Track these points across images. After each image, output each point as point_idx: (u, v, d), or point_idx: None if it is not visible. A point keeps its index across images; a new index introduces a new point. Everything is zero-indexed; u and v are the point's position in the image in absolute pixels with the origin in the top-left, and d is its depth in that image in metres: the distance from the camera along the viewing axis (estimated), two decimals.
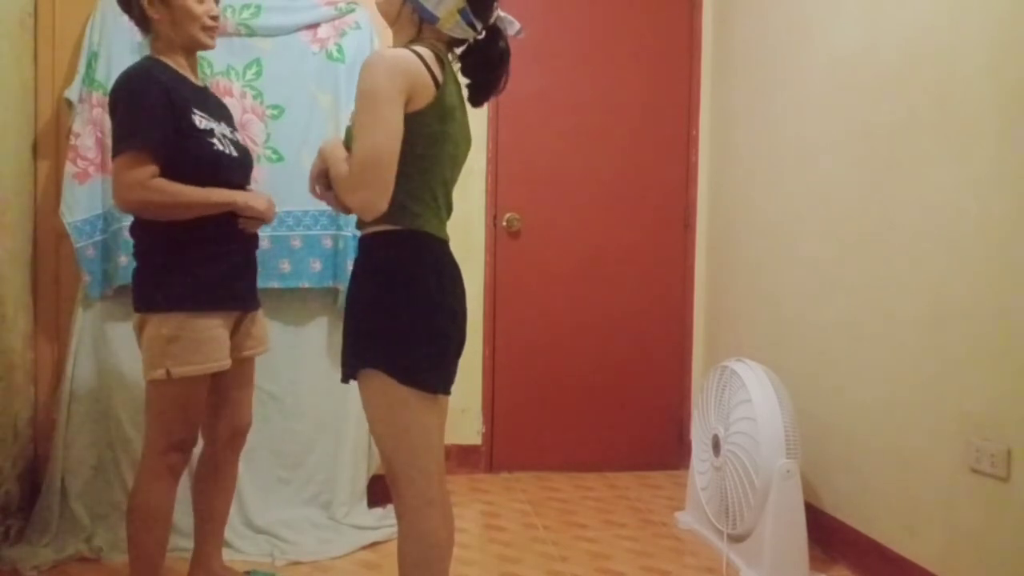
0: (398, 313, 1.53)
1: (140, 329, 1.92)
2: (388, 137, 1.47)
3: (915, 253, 2.25)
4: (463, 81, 1.67)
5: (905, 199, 2.30)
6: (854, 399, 2.51)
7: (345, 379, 1.61)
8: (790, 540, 2.35)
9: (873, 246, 2.43)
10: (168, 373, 1.86)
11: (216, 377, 2.00)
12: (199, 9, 1.92)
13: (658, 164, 3.60)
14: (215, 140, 1.92)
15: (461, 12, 1.57)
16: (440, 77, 1.54)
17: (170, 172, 1.84)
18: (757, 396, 2.44)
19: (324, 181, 1.61)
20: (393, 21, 1.64)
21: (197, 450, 2.08)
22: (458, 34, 1.61)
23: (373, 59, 1.50)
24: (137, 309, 1.92)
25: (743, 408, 2.48)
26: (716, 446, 2.63)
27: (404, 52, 1.51)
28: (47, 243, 2.65)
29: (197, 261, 1.90)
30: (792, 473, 2.35)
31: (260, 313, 2.15)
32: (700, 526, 2.80)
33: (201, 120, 1.90)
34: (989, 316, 2.00)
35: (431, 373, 1.56)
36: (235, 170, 1.99)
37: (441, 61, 1.56)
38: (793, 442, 2.37)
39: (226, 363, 1.95)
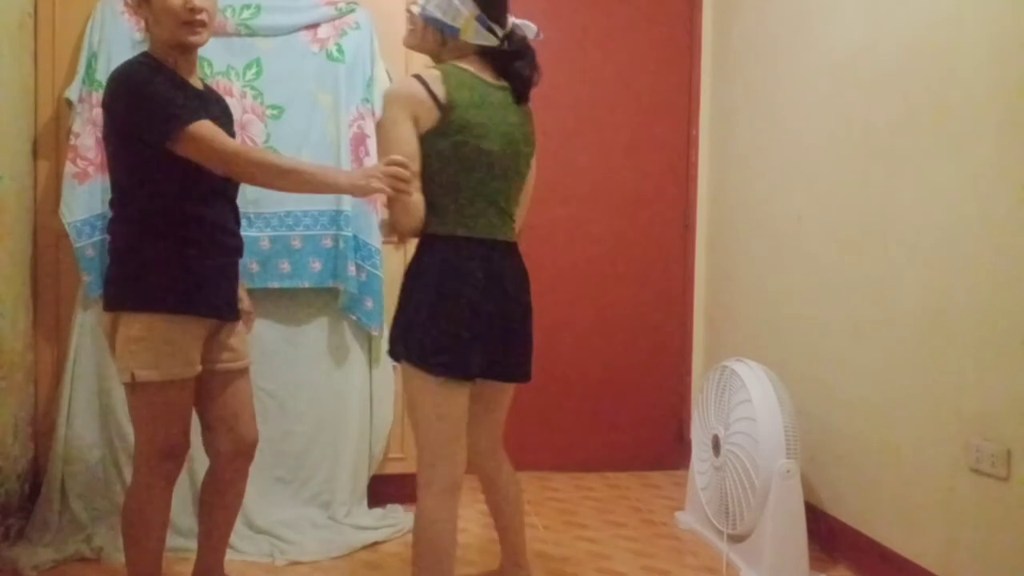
0: (411, 304, 1.74)
1: (113, 330, 1.84)
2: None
3: (915, 253, 2.25)
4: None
5: (905, 197, 2.30)
6: (854, 399, 2.51)
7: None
8: (790, 540, 2.35)
9: (873, 245, 2.43)
10: (132, 376, 1.79)
11: (205, 393, 1.94)
12: (175, 2, 1.79)
13: (658, 163, 3.60)
14: None
15: (478, 19, 1.72)
16: (442, 95, 1.66)
17: (154, 182, 1.80)
18: (757, 396, 2.44)
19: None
20: (419, 46, 1.80)
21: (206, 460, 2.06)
22: (482, 41, 1.73)
23: (384, 94, 1.73)
24: (109, 308, 1.85)
25: (743, 408, 2.48)
26: (716, 446, 2.62)
27: (407, 80, 1.71)
28: (47, 243, 2.65)
29: (174, 263, 1.83)
30: (792, 473, 2.35)
31: (240, 326, 2.05)
32: (700, 526, 2.80)
33: None
34: (989, 316, 2.00)
35: (438, 356, 1.70)
36: (221, 181, 1.89)
37: (448, 77, 1.68)
38: (793, 442, 2.37)
39: (194, 370, 1.86)
